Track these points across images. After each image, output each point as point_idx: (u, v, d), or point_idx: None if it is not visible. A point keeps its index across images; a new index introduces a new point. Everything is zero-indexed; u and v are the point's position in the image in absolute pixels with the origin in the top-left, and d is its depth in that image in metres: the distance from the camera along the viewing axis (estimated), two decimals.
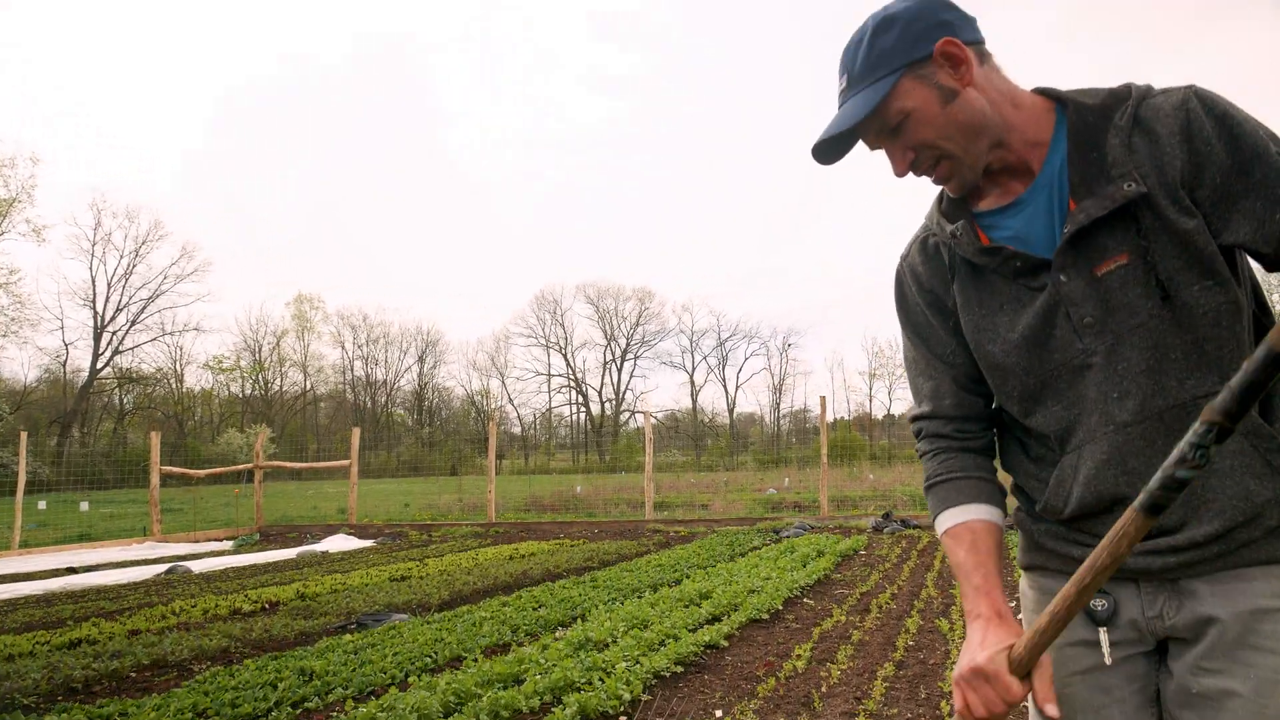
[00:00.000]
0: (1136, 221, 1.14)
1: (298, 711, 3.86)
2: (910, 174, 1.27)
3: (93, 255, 51.58)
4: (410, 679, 4.27)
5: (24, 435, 13.64)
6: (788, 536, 11.05)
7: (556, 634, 5.28)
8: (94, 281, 51.54)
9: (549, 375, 62.73)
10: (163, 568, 9.92)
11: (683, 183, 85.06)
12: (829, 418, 14.53)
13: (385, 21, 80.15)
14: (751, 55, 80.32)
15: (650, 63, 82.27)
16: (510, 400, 63.40)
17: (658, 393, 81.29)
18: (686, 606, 5.99)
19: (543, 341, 62.73)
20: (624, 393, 62.53)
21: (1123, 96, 1.18)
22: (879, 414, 59.14)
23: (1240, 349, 1.13)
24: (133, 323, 52.23)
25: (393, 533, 13.88)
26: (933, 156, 1.23)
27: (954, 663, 4.32)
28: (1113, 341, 1.16)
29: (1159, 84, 1.21)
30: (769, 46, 78.76)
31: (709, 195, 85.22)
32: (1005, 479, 1.38)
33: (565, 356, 62.66)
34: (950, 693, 3.89)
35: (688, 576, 7.63)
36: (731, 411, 61.82)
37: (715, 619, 5.67)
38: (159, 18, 72.97)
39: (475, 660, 4.57)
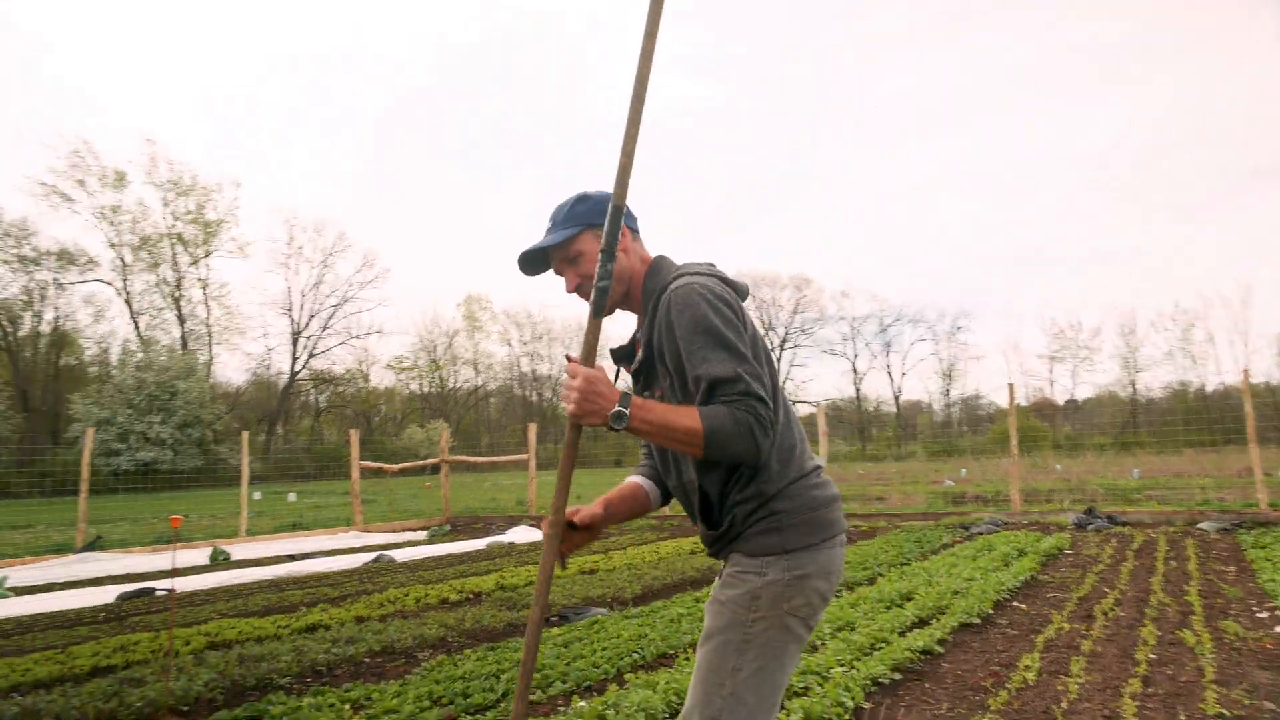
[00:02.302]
0: (662, 367, 1.88)
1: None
2: (576, 293, 1.96)
3: (287, 267, 56.51)
4: (626, 675, 4.34)
5: (245, 435, 15.07)
6: (979, 533, 10.49)
7: None
8: (289, 291, 56.51)
9: None
10: (369, 556, 10.65)
11: (834, 164, 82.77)
12: (1008, 404, 13.65)
13: (534, 3, 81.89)
14: (901, 24, 76.92)
15: (797, 43, 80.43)
16: None
17: (818, 381, 79.71)
18: (889, 608, 5.78)
19: (760, 331, 63.10)
20: (784, 382, 61.74)
21: (670, 281, 1.86)
22: (1061, 399, 55.38)
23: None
24: (324, 328, 56.79)
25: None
26: (589, 285, 1.89)
27: (1209, 681, 3.92)
28: None
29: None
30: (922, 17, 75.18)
31: (863, 175, 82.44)
32: None
33: None
34: (1214, 715, 3.53)
35: (882, 575, 7.38)
36: (897, 399, 59.73)
37: (923, 622, 5.43)
38: (318, 44, 78.46)
39: (688, 658, 4.59)
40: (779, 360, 61.64)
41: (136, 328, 50.88)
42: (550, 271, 2.03)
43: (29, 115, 64.42)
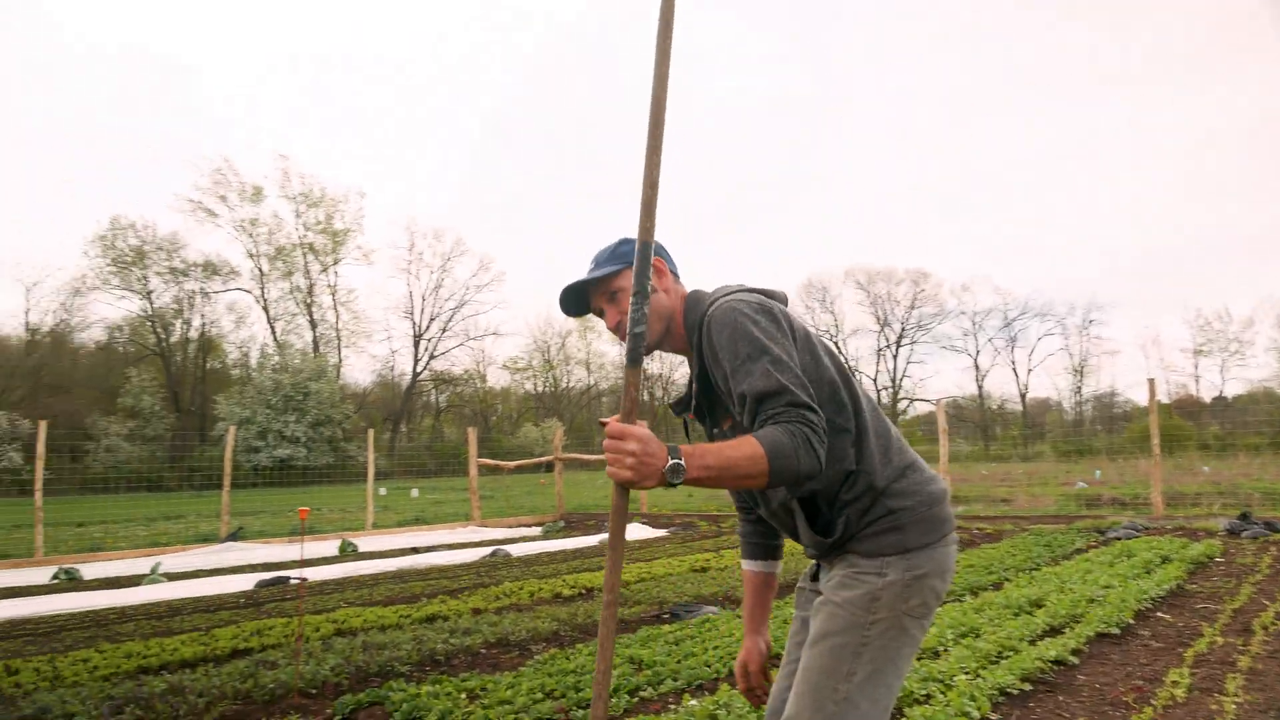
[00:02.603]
0: (723, 392, 1.82)
1: (634, 700, 3.98)
2: (615, 332, 1.93)
3: (409, 273, 58.93)
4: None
5: (371, 433, 15.77)
6: (1116, 538, 9.83)
7: None
8: (411, 295, 58.86)
9: None
10: (486, 550, 10.93)
11: (949, 152, 79.67)
12: (1147, 401, 12.72)
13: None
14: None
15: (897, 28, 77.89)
16: None
17: (938, 378, 76.96)
18: (1017, 615, 5.47)
19: (812, 329, 61.75)
20: (900, 380, 59.91)
21: (707, 308, 1.84)
22: (1208, 396, 51.51)
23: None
24: (443, 330, 58.89)
25: (683, 522, 14.28)
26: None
27: None
28: None
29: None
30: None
31: (980, 163, 79.01)
32: None
33: (836, 344, 61.22)
34: None
35: (1008, 580, 7.01)
36: (1024, 397, 56.89)
37: (1055, 631, 5.11)
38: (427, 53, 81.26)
39: None
40: (895, 358, 59.85)
41: (273, 333, 54.24)
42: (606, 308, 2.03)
43: (179, 138, 69.72)
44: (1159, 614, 5.68)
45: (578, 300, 1.98)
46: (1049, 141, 75.12)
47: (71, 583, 9.20)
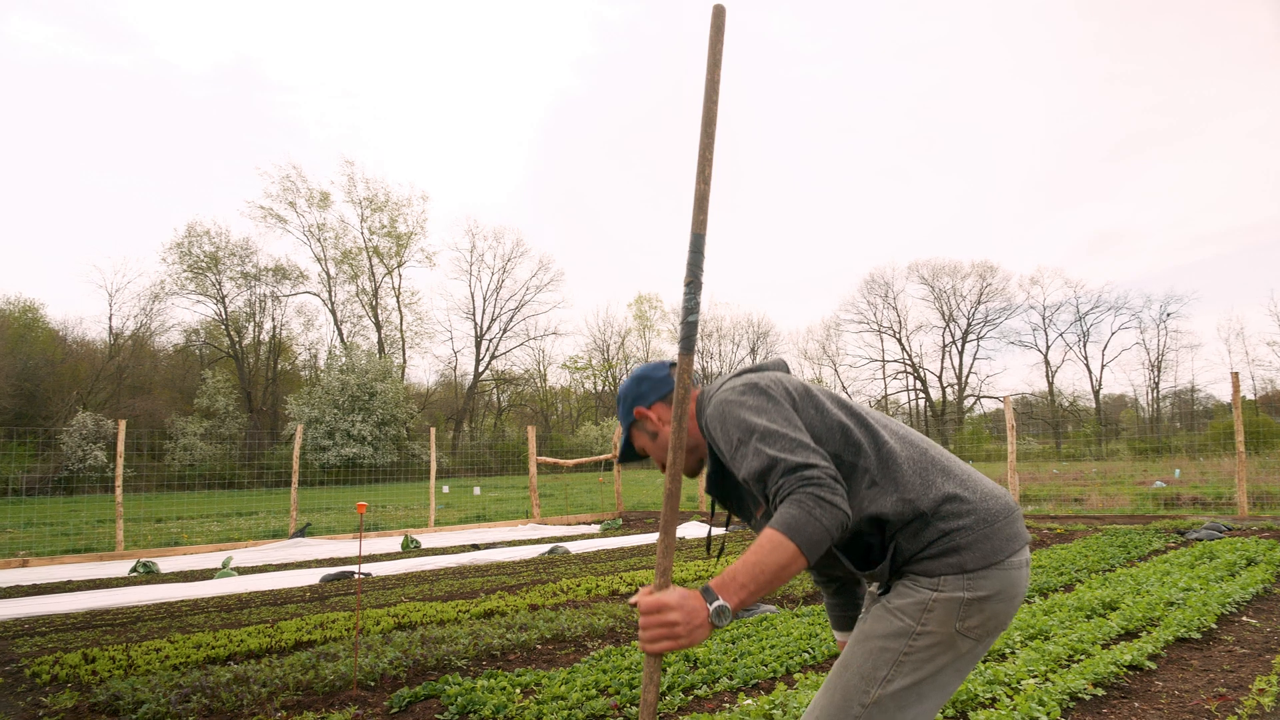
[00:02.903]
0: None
1: (689, 698, 3.93)
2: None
3: (470, 274, 59.81)
4: (795, 675, 4.18)
5: (434, 432, 16.02)
6: (1197, 539, 9.40)
7: None
8: (472, 296, 59.73)
9: (883, 361, 60.60)
10: (545, 547, 11.00)
11: (1015, 142, 77.44)
12: (1231, 397, 12.11)
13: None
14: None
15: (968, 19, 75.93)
16: (843, 389, 62.27)
17: (1006, 375, 74.97)
18: (1089, 617, 5.25)
19: (875, 326, 60.67)
20: (967, 376, 58.46)
21: (707, 408, 1.84)
22: None
23: None
24: (504, 331, 59.60)
25: (740, 522, 14.14)
26: (663, 455, 1.97)
27: None
28: None
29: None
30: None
31: (1048, 152, 76.58)
32: None
33: (900, 341, 60.06)
34: None
35: (1080, 581, 6.75)
36: (1097, 394, 54.94)
37: (1130, 634, 4.89)
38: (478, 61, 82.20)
39: None
40: (961, 354, 58.44)
41: (340, 334, 55.60)
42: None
43: (252, 144, 72.08)
44: (1244, 619, 5.39)
45: (631, 457, 2.13)
46: (1122, 127, 72.48)
47: (149, 575, 9.55)
